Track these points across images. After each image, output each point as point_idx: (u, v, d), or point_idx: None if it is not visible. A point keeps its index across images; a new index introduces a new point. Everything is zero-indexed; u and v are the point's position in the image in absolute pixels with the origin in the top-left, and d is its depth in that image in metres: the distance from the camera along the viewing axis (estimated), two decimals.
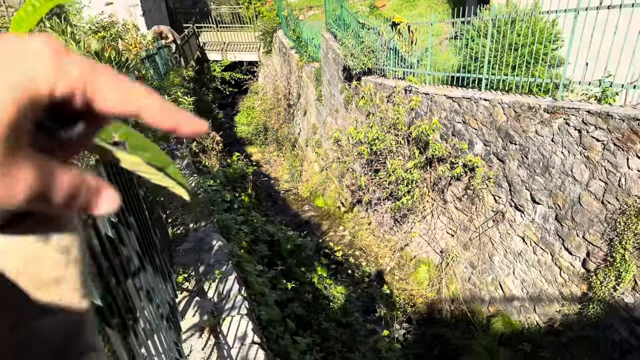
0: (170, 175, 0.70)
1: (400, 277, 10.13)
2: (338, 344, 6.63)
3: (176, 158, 7.07)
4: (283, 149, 17.77)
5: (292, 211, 14.04)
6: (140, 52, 10.07)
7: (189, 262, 4.22)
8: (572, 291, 6.77)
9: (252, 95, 21.50)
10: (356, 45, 10.26)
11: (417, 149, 8.80)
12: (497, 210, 7.91)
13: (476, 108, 7.67)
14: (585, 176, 6.16)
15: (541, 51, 6.95)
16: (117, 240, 1.52)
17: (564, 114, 6.28)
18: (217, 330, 3.25)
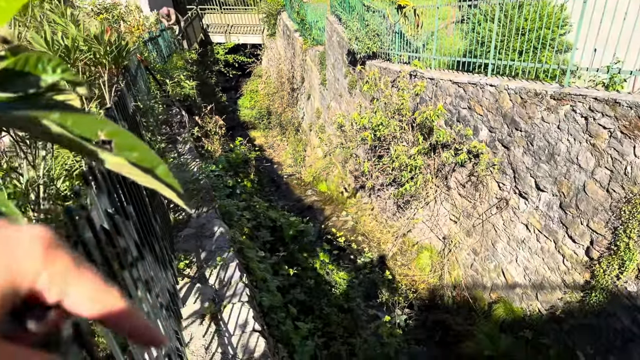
0: (160, 176, 0.65)
1: (403, 262, 10.14)
2: (340, 329, 6.66)
3: (178, 142, 7.03)
4: (286, 133, 17.70)
5: (295, 196, 14.03)
6: (143, 35, 9.97)
7: (191, 248, 4.21)
8: (575, 279, 6.75)
9: (256, 78, 21.36)
10: (361, 28, 10.12)
11: (421, 135, 8.73)
12: (501, 197, 7.86)
13: (482, 94, 7.57)
14: (591, 164, 6.10)
15: (549, 36, 6.84)
16: (114, 231, 1.49)
17: (570, 100, 6.19)
18: (218, 317, 3.24)
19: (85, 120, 0.61)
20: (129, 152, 0.63)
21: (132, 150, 0.63)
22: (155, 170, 0.64)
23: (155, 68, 9.30)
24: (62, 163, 3.80)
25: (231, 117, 18.51)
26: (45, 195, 3.42)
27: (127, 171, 0.62)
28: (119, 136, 0.63)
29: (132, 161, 0.62)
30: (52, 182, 3.47)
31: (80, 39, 3.15)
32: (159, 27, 12.30)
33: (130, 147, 0.63)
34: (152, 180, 0.63)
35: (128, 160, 0.62)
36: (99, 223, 1.35)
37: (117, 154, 0.62)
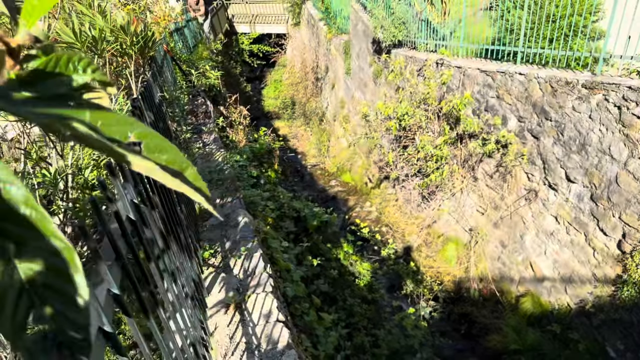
0: (189, 179, 0.65)
1: (428, 254, 10.06)
2: (363, 320, 6.66)
3: (203, 132, 7.09)
4: (310, 123, 17.66)
5: (319, 186, 14.03)
6: (169, 25, 10.04)
7: (215, 237, 4.25)
8: (606, 273, 6.60)
9: (280, 68, 21.34)
10: (387, 16, 9.98)
11: (447, 125, 8.60)
12: (530, 188, 7.71)
13: (511, 82, 7.41)
14: (624, 155, 5.92)
15: (580, 23, 6.63)
16: (140, 222, 1.51)
17: (603, 89, 6.01)
18: (242, 307, 3.27)
19: (115, 120, 0.60)
20: (159, 154, 0.62)
21: (161, 152, 0.62)
22: (185, 173, 0.63)
23: (181, 58, 9.37)
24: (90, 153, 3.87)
25: (255, 107, 18.57)
26: (74, 185, 3.49)
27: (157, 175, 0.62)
28: (148, 138, 0.62)
29: (161, 164, 0.61)
30: (80, 171, 3.54)
31: (108, 30, 3.18)
32: (184, 17, 12.37)
33: (160, 149, 0.62)
34: (181, 184, 0.62)
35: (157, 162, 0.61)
36: (125, 214, 1.37)
37: (147, 156, 0.61)
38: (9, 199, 0.52)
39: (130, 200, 1.45)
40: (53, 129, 0.59)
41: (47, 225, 0.51)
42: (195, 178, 0.63)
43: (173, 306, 1.82)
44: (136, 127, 0.61)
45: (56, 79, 0.65)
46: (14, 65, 0.65)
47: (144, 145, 0.61)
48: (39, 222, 0.51)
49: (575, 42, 6.80)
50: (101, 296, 0.96)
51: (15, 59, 0.65)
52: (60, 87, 0.64)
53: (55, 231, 0.51)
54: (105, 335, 0.91)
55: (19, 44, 0.66)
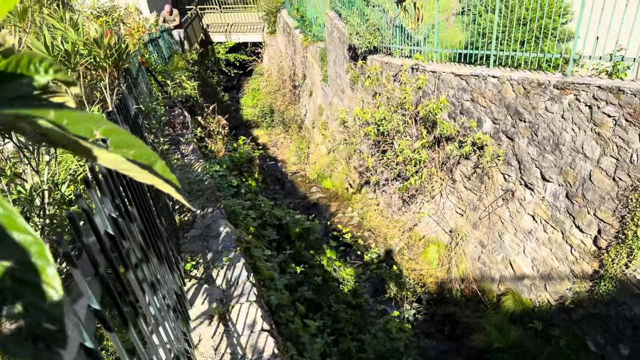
0: (158, 172, 0.64)
1: (410, 257, 10.12)
2: (349, 325, 6.65)
3: (181, 143, 7.03)
4: (289, 130, 17.67)
5: (300, 193, 14.02)
6: (143, 36, 9.96)
7: (197, 249, 4.21)
8: (583, 269, 6.72)
9: (257, 76, 21.33)
10: (361, 23, 10.07)
11: (424, 129, 8.69)
12: (507, 188, 7.83)
13: (484, 85, 7.53)
14: (596, 153, 6.06)
15: (550, 25, 6.79)
16: (118, 236, 1.48)
17: (574, 89, 6.15)
18: (226, 317, 3.24)
19: (80, 118, 0.60)
20: (126, 149, 0.62)
21: (129, 148, 0.62)
22: (154, 167, 0.62)
23: (156, 69, 9.30)
24: (67, 168, 3.81)
25: (234, 116, 18.51)
26: (50, 201, 3.42)
27: (123, 167, 0.61)
28: (114, 134, 0.61)
29: (129, 158, 0.61)
30: (57, 187, 3.47)
31: (80, 43, 3.14)
32: (158, 28, 12.29)
33: (127, 144, 0.62)
34: (150, 176, 0.62)
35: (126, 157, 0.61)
36: (103, 228, 1.34)
37: (114, 151, 0.61)
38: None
39: (108, 215, 1.42)
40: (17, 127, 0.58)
41: (16, 220, 0.51)
42: (164, 171, 0.63)
43: (155, 319, 1.79)
44: (102, 124, 0.61)
45: (17, 80, 0.64)
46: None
47: (110, 141, 0.60)
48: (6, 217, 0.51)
49: (545, 44, 6.95)
50: (82, 312, 0.94)
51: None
52: (22, 88, 0.63)
53: (24, 225, 0.51)
54: (87, 351, 0.88)
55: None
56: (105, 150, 0.60)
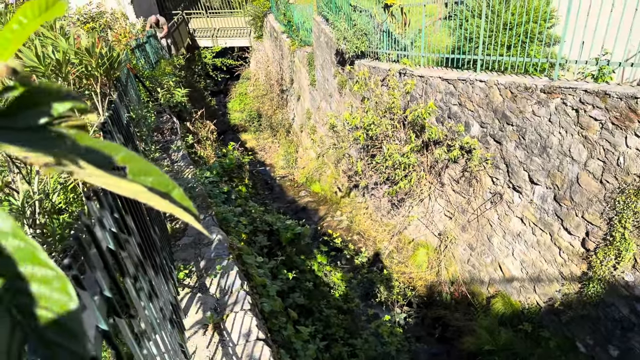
0: (176, 200, 0.64)
1: (399, 260, 10.16)
2: (340, 330, 6.65)
3: (171, 150, 6.98)
4: (277, 135, 17.66)
5: (288, 197, 14.01)
6: (130, 42, 9.89)
7: (189, 257, 4.18)
8: (572, 271, 6.80)
9: (245, 81, 21.30)
10: (348, 28, 10.11)
11: (413, 133, 8.74)
12: (495, 191, 7.90)
13: (472, 90, 7.60)
14: (584, 156, 6.14)
15: (536, 30, 6.87)
16: (119, 252, 1.47)
17: (560, 93, 6.23)
18: (221, 326, 3.22)
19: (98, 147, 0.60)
20: (144, 177, 0.61)
21: (146, 175, 0.61)
22: (171, 194, 0.62)
23: (144, 75, 9.23)
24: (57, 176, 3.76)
25: (221, 120, 18.45)
26: (40, 210, 3.38)
27: (145, 197, 0.61)
28: (132, 162, 0.61)
29: (147, 186, 0.61)
30: (48, 196, 3.43)
31: (72, 52, 3.11)
32: (145, 33, 12.21)
33: (145, 172, 0.62)
34: (170, 205, 0.62)
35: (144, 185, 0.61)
36: (105, 244, 1.33)
37: (132, 179, 0.61)
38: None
39: (109, 229, 1.41)
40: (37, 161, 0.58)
41: (37, 255, 0.50)
42: (182, 198, 0.62)
43: (154, 332, 1.78)
44: (120, 151, 0.60)
45: (36, 109, 0.64)
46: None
47: (128, 169, 0.60)
48: (27, 252, 0.50)
49: (532, 48, 7.04)
50: (90, 332, 0.93)
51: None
52: (40, 116, 0.63)
53: (46, 260, 0.50)
54: None
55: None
56: (125, 180, 0.60)
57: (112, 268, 1.24)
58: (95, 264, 1.12)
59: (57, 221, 3.47)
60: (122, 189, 0.60)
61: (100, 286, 1.12)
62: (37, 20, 0.67)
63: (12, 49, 0.68)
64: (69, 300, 0.49)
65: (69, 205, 3.78)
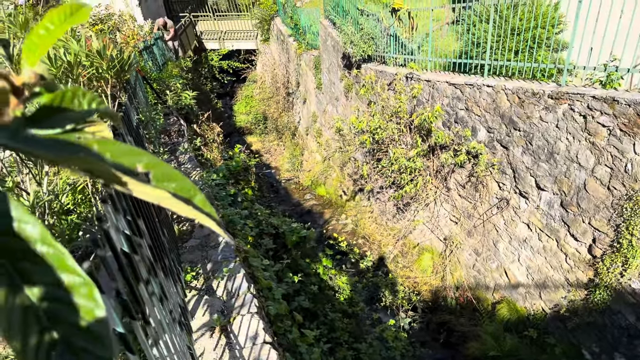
0: (198, 206, 0.65)
1: (404, 264, 10.14)
2: (345, 334, 6.64)
3: (178, 152, 7.01)
4: (283, 137, 17.69)
5: (293, 200, 14.02)
6: (138, 44, 9.95)
7: (196, 259, 4.19)
8: (578, 277, 6.77)
9: (251, 84, 21.35)
10: (355, 32, 10.13)
11: (419, 137, 8.73)
12: (502, 197, 7.88)
13: (479, 94, 7.59)
14: (591, 162, 6.12)
15: (544, 35, 6.87)
16: (132, 254, 1.48)
17: (568, 99, 6.21)
18: (228, 329, 3.23)
19: (123, 152, 0.60)
20: (167, 182, 0.62)
21: (170, 181, 0.62)
22: (193, 200, 0.63)
23: (151, 77, 9.28)
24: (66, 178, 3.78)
25: (227, 123, 18.51)
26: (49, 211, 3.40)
27: (168, 203, 0.62)
28: (156, 167, 0.62)
29: (170, 191, 0.61)
30: (57, 197, 3.46)
31: (83, 55, 3.14)
32: (153, 35, 12.28)
33: (168, 177, 0.62)
34: (192, 210, 0.62)
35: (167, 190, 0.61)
36: (119, 246, 1.34)
37: (156, 185, 0.61)
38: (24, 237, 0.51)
39: (122, 231, 1.42)
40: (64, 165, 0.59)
41: (66, 261, 0.51)
42: (204, 204, 0.63)
43: (164, 333, 1.78)
44: (144, 157, 0.61)
45: (63, 114, 0.64)
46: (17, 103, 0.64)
47: (152, 174, 0.61)
48: (56, 258, 0.51)
49: (539, 54, 7.03)
50: None
51: (19, 97, 0.65)
52: (66, 122, 0.64)
53: (74, 266, 0.51)
54: None
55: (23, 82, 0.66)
56: (151, 186, 0.60)
57: (126, 270, 1.25)
58: (111, 266, 1.13)
59: (65, 222, 3.49)
60: (147, 195, 0.61)
61: (116, 288, 1.13)
62: (62, 25, 0.68)
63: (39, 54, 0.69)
64: (96, 306, 0.50)
65: (77, 207, 3.80)
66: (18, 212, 0.52)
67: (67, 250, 0.52)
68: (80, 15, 0.68)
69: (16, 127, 0.59)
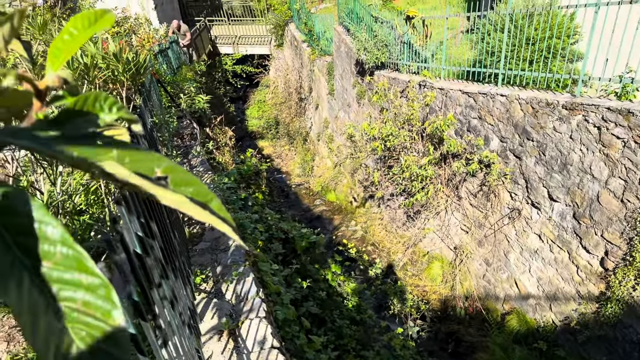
0: (214, 210, 0.65)
1: (413, 273, 10.08)
2: (352, 341, 6.61)
3: (190, 155, 7.06)
4: (294, 143, 17.74)
5: (303, 205, 14.03)
6: (153, 47, 10.05)
7: (206, 262, 4.21)
8: (590, 290, 6.69)
9: (263, 88, 21.47)
10: (369, 39, 10.15)
11: (431, 145, 8.71)
12: (513, 207, 7.82)
13: (492, 103, 7.56)
14: (605, 174, 6.06)
15: (559, 46, 6.83)
16: (145, 256, 1.50)
17: (582, 110, 6.17)
18: (236, 333, 3.23)
19: (141, 157, 0.61)
20: (185, 187, 0.63)
21: (187, 186, 0.63)
22: (210, 205, 0.63)
23: (165, 80, 9.37)
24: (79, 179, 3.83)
25: (239, 127, 18.61)
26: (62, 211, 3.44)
27: (186, 208, 0.62)
28: (174, 172, 0.63)
29: (187, 196, 0.62)
30: (70, 197, 3.50)
31: (99, 57, 3.18)
32: (168, 39, 12.40)
33: (186, 182, 0.63)
34: (209, 215, 0.63)
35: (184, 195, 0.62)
36: (132, 247, 1.36)
37: (174, 190, 0.62)
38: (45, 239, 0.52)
39: (135, 233, 1.44)
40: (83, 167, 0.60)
41: (85, 262, 0.52)
42: (219, 209, 0.63)
43: (173, 335, 1.79)
44: (162, 162, 0.62)
45: (84, 118, 0.66)
46: (40, 106, 0.65)
47: (170, 179, 0.61)
48: (75, 259, 0.52)
49: (554, 64, 6.99)
50: None
51: (42, 100, 0.66)
52: (88, 125, 0.65)
53: (92, 267, 0.52)
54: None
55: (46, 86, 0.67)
56: (168, 191, 0.61)
57: (139, 271, 1.26)
58: (124, 267, 1.14)
59: (78, 222, 3.53)
60: (166, 199, 0.62)
61: (128, 289, 1.14)
62: (87, 31, 0.70)
63: (63, 59, 0.71)
64: (113, 307, 0.50)
65: (89, 207, 3.84)
66: (39, 213, 0.53)
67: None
68: (105, 21, 0.69)
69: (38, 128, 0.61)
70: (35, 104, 0.65)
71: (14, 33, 0.67)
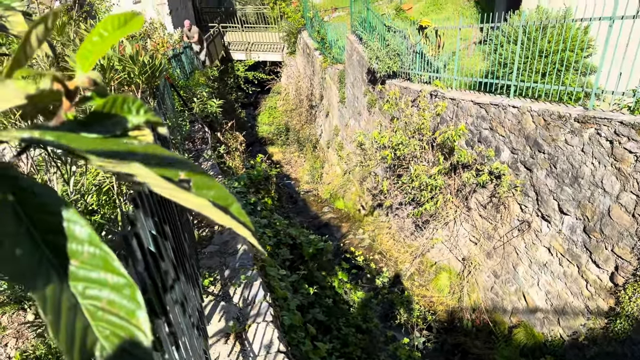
0: (234, 214, 0.67)
1: (420, 283, 10.04)
2: (357, 350, 6.58)
3: (201, 158, 7.11)
4: (304, 149, 17.78)
5: (311, 212, 14.03)
6: (167, 52, 10.16)
7: (214, 265, 4.23)
8: (599, 305, 6.62)
9: (275, 95, 21.56)
10: (382, 48, 10.19)
11: (441, 155, 8.70)
12: (523, 219, 7.78)
13: (504, 115, 7.55)
14: (616, 188, 6.02)
15: (572, 58, 6.81)
16: (158, 254, 1.52)
17: (595, 124, 6.14)
18: (243, 336, 3.25)
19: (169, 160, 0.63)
20: (206, 190, 0.64)
21: (209, 189, 0.65)
22: (230, 208, 0.65)
23: (179, 84, 9.45)
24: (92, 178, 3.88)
25: (250, 132, 18.71)
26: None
27: (208, 211, 0.64)
28: (197, 176, 0.65)
29: (209, 199, 0.64)
30: (83, 197, 3.54)
31: (115, 59, 3.24)
32: (182, 44, 12.53)
33: (207, 186, 0.65)
34: (229, 219, 0.65)
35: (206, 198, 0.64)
36: (146, 246, 1.38)
37: (197, 193, 0.64)
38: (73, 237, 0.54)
39: (149, 232, 1.46)
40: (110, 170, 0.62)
41: (111, 262, 0.53)
42: (239, 213, 0.65)
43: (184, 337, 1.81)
44: (186, 166, 0.64)
45: (113, 119, 0.68)
46: (70, 106, 0.68)
47: (193, 182, 0.63)
48: (102, 259, 0.53)
49: (567, 76, 6.97)
50: None
51: (72, 100, 0.68)
52: (116, 127, 0.67)
53: (119, 268, 0.53)
54: None
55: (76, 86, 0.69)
56: (193, 194, 0.63)
57: (152, 270, 1.28)
58: (139, 265, 1.16)
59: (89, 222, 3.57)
60: (189, 202, 0.63)
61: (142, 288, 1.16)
62: (116, 33, 0.72)
63: (93, 61, 0.73)
64: (138, 307, 0.52)
65: (101, 207, 3.88)
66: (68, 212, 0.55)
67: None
68: (134, 24, 0.71)
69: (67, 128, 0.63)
70: (65, 104, 0.68)
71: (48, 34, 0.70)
